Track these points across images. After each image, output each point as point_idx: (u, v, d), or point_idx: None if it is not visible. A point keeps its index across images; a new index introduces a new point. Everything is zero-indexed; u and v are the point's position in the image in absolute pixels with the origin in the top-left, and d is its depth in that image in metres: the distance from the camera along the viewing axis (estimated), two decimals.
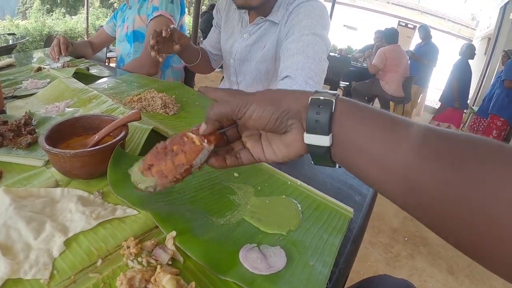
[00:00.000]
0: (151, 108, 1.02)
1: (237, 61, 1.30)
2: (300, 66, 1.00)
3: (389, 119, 0.39)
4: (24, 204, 0.53)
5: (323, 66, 1.04)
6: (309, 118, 0.41)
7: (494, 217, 0.29)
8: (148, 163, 0.50)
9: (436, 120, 4.87)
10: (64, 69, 1.38)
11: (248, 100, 0.45)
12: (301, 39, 1.03)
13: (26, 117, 0.81)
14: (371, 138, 0.38)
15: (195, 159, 0.48)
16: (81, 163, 0.59)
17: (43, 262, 0.44)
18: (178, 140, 0.50)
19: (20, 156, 0.69)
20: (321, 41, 1.04)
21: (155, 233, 0.52)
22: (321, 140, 0.41)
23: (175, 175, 0.48)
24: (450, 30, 13.14)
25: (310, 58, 1.01)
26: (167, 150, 0.50)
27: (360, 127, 0.39)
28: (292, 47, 1.04)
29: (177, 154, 0.49)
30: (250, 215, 0.60)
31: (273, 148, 0.49)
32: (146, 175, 0.50)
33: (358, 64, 5.78)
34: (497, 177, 0.30)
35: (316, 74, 1.01)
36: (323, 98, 0.41)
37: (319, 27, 1.05)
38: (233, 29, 1.34)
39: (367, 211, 0.72)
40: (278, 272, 0.49)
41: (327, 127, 0.40)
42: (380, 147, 0.37)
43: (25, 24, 6.53)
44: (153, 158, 0.51)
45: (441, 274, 2.20)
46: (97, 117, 0.72)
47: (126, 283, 0.39)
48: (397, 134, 0.37)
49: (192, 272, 0.46)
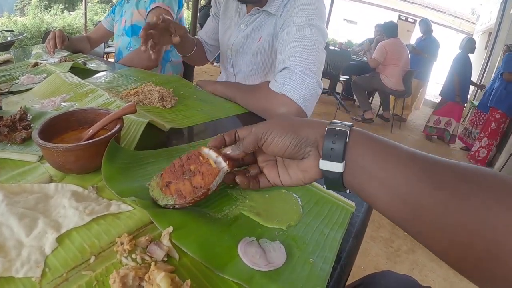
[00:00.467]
0: (148, 102, 1.01)
1: (234, 52, 1.29)
2: (298, 57, 0.98)
3: (396, 149, 0.43)
4: (16, 200, 0.51)
5: (321, 57, 1.03)
6: (325, 147, 0.45)
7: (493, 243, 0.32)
8: (166, 180, 0.54)
9: (436, 115, 4.86)
10: (61, 64, 1.37)
11: (268, 127, 0.50)
12: (298, 30, 1.01)
13: (21, 112, 0.80)
14: (380, 166, 0.42)
15: (212, 183, 0.52)
16: (75, 157, 0.57)
17: (35, 260, 0.42)
18: (195, 159, 0.55)
19: (15, 152, 0.67)
20: (317, 31, 1.02)
21: (149, 229, 0.50)
22: (335, 167, 0.45)
23: (194, 197, 0.51)
24: (450, 24, 13.09)
25: (308, 49, 0.99)
26: (184, 169, 0.54)
27: (370, 155, 0.43)
28: (288, 38, 1.02)
29: (194, 175, 0.53)
30: (249, 210, 0.59)
31: (289, 173, 0.54)
32: (165, 193, 0.53)
33: (358, 58, 5.76)
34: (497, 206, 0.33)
35: (315, 65, 1.00)
36: (339, 129, 0.45)
37: (315, 18, 1.04)
38: (231, 20, 1.32)
39: (369, 205, 0.70)
40: (277, 269, 0.47)
41: (341, 155, 0.44)
42: (388, 175, 0.40)
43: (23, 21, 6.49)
44: (171, 175, 0.55)
45: (442, 269, 2.20)
46: (92, 111, 0.71)
47: (119, 281, 0.38)
48: (403, 163, 0.40)
49: (188, 269, 0.45)
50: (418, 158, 0.40)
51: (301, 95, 0.97)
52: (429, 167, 0.38)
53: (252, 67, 1.27)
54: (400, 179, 0.39)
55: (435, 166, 0.38)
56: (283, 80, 0.98)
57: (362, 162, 0.43)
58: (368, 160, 0.42)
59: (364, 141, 0.44)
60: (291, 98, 0.96)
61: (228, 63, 1.36)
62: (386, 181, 0.40)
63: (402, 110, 5.30)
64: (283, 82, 0.98)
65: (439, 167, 0.38)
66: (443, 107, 4.80)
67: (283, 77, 0.99)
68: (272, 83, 1.02)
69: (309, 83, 0.97)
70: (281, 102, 0.97)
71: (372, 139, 0.44)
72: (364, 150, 0.43)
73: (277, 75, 1.02)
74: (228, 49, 1.31)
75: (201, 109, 1.04)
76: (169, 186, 0.53)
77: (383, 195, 0.41)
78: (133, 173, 0.62)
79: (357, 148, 0.44)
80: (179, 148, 0.77)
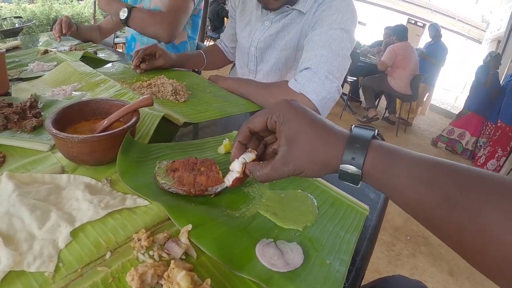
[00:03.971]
0: (161, 95, 0.99)
1: (259, 50, 1.26)
2: (323, 60, 0.98)
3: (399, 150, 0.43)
4: (28, 191, 0.50)
5: (345, 64, 1.02)
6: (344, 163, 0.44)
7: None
8: (175, 166, 0.59)
9: (452, 125, 4.69)
10: (71, 52, 1.35)
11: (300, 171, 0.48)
12: (329, 32, 1.00)
13: (32, 100, 0.78)
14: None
15: (213, 187, 0.57)
16: (89, 148, 0.56)
17: (47, 254, 0.41)
18: (208, 165, 0.61)
19: (25, 140, 0.65)
20: (347, 37, 1.02)
21: (167, 225, 0.49)
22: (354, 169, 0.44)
23: (190, 189, 0.55)
24: (459, 30, 13.01)
25: (335, 53, 0.99)
26: (195, 167, 0.60)
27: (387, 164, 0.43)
28: (318, 39, 1.01)
29: (201, 174, 0.58)
30: (265, 209, 0.58)
31: None
32: (169, 175, 0.57)
33: (367, 59, 5.72)
34: None
35: (338, 70, 0.99)
36: (358, 146, 0.44)
37: (349, 23, 1.03)
38: (251, 16, 1.30)
39: (382, 209, 0.69)
40: (295, 270, 0.47)
41: (361, 164, 0.43)
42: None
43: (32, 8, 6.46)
44: (181, 165, 0.59)
45: (442, 275, 2.20)
46: (107, 102, 0.69)
47: (137, 278, 0.37)
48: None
49: (207, 268, 0.44)
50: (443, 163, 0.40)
51: (320, 98, 0.96)
52: (440, 174, 0.39)
53: (274, 64, 1.25)
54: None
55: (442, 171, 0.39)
56: (304, 81, 0.98)
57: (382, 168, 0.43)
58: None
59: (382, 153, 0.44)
60: (310, 99, 0.96)
61: (250, 61, 1.33)
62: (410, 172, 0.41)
63: (408, 114, 5.26)
64: (303, 82, 0.97)
65: (447, 171, 0.39)
66: (461, 118, 4.62)
67: (304, 77, 0.98)
68: (292, 82, 1.01)
69: (329, 86, 0.97)
70: (299, 101, 0.95)
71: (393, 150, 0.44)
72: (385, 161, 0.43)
73: (298, 75, 1.00)
74: (252, 47, 1.28)
75: (215, 104, 1.03)
76: (175, 172, 0.57)
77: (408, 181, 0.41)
78: (147, 168, 0.61)
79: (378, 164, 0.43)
80: (194, 143, 0.75)
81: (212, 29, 6.55)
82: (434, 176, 0.38)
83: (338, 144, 0.45)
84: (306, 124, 0.48)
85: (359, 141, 0.44)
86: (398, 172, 0.41)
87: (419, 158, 0.41)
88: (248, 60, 1.33)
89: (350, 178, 0.45)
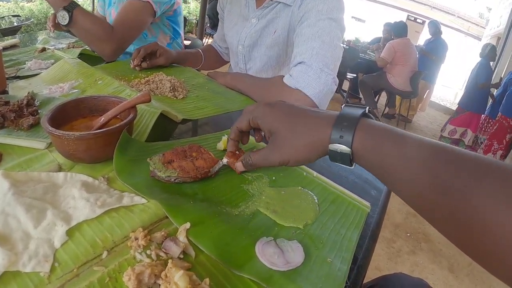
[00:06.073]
0: (159, 91, 0.99)
1: (247, 47, 1.25)
2: (315, 52, 0.96)
3: (395, 132, 0.43)
4: (23, 190, 0.49)
5: (338, 53, 1.01)
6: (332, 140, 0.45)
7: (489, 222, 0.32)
8: (169, 158, 0.59)
9: (453, 124, 4.62)
10: (69, 50, 1.34)
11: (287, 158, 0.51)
12: (317, 24, 0.98)
13: (29, 98, 0.78)
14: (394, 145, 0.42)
15: (213, 167, 0.60)
16: (86, 146, 0.55)
17: (43, 254, 0.40)
18: (196, 149, 0.63)
19: (21, 138, 0.65)
20: (337, 26, 1.00)
21: (165, 224, 0.48)
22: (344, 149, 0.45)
23: (196, 174, 0.57)
24: (459, 27, 12.98)
25: (326, 45, 0.97)
26: (186, 154, 0.61)
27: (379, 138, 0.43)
28: (307, 32, 0.99)
29: (197, 159, 0.60)
30: (265, 206, 0.57)
31: None
32: (168, 167, 0.57)
33: (366, 56, 5.71)
34: None
35: (332, 61, 0.97)
36: (346, 123, 0.45)
37: (335, 11, 1.01)
38: (238, 15, 1.29)
39: (383, 206, 0.69)
40: (296, 268, 0.46)
41: (350, 142, 0.44)
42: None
43: (30, 6, 6.44)
44: (173, 155, 0.60)
45: (442, 271, 2.20)
46: (104, 98, 0.68)
47: (134, 278, 0.36)
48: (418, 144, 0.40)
49: (205, 267, 0.43)
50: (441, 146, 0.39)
51: (316, 92, 0.94)
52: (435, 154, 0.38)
53: (266, 61, 1.24)
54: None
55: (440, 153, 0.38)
56: (299, 75, 0.96)
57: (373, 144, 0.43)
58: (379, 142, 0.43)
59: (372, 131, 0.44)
60: (307, 94, 0.94)
61: (239, 59, 1.33)
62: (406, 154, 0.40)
63: (408, 110, 5.25)
64: (298, 77, 0.96)
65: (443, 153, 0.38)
66: (460, 116, 4.55)
67: (298, 72, 0.96)
68: (287, 77, 0.99)
69: (325, 79, 0.95)
70: (296, 97, 0.94)
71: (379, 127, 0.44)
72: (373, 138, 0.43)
73: (292, 70, 0.99)
74: (239, 45, 1.27)
75: (214, 101, 1.02)
76: (172, 163, 0.58)
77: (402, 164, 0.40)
78: (144, 166, 0.60)
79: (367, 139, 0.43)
80: (192, 140, 0.75)
81: (211, 27, 6.53)
82: (427, 156, 0.38)
83: (326, 126, 0.46)
84: (282, 115, 0.52)
85: (347, 119, 0.45)
86: (388, 151, 0.41)
87: (410, 137, 0.41)
88: (238, 59, 1.33)
89: (340, 158, 0.45)
